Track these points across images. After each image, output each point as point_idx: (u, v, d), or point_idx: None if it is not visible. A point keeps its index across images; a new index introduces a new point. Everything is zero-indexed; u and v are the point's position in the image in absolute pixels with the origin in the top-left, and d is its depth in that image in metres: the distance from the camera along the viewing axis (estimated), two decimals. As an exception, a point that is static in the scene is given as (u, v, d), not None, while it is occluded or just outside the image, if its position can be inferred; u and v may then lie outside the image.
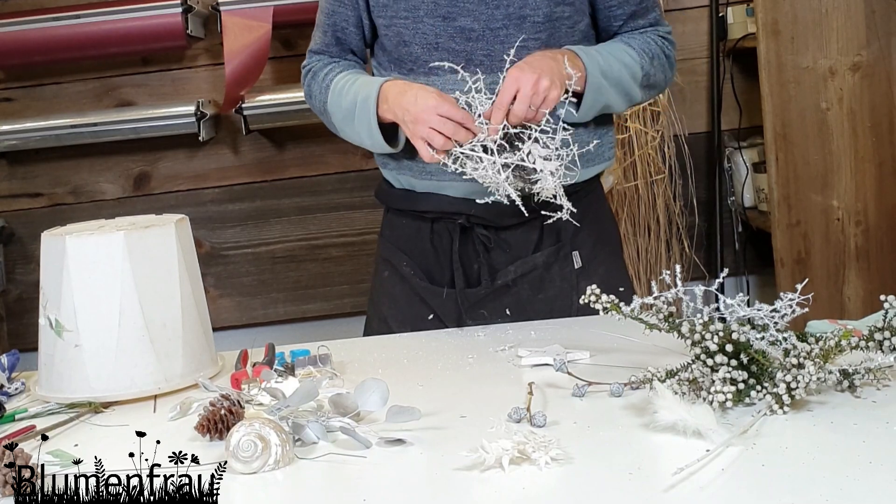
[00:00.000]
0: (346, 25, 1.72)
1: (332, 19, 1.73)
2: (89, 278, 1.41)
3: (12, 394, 1.50)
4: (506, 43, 1.58)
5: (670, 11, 3.28)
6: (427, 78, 1.63)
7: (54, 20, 3.13)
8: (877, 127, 2.84)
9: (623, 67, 1.65)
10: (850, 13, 2.80)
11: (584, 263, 1.72)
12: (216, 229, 3.38)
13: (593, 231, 1.74)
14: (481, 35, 1.60)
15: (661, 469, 1.01)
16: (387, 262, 1.79)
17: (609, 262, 1.77)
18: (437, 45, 1.61)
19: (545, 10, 1.59)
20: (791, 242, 2.90)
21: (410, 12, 1.62)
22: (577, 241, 1.72)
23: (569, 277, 1.71)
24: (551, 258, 1.70)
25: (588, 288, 1.26)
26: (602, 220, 1.80)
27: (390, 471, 1.08)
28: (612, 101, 1.66)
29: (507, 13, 1.59)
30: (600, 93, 1.62)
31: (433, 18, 1.61)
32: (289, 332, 3.30)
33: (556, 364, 1.29)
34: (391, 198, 1.78)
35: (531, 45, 1.59)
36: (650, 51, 1.68)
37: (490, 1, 1.58)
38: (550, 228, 1.69)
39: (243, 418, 1.21)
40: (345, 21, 1.72)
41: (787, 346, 1.17)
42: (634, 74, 1.66)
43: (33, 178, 3.37)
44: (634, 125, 3.17)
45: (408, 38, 1.64)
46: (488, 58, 1.60)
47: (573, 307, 1.69)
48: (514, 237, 1.69)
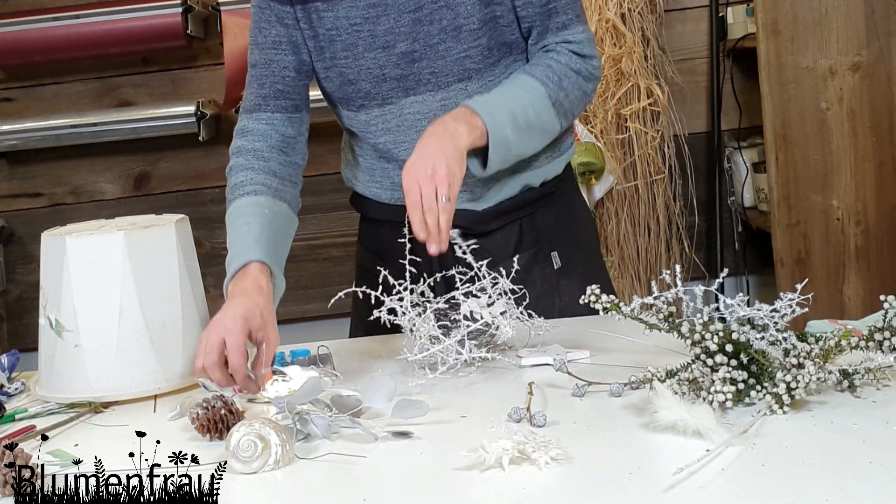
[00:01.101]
0: (287, 73, 1.62)
1: (270, 69, 1.61)
2: (89, 278, 1.41)
3: (12, 394, 1.50)
4: (447, 57, 1.55)
5: (670, 11, 3.28)
6: (381, 108, 1.61)
7: (54, 20, 3.13)
8: (877, 127, 2.84)
9: (529, 107, 1.55)
10: (850, 13, 2.80)
11: (563, 263, 1.71)
12: (216, 229, 3.38)
13: (570, 228, 1.74)
14: (423, 54, 1.56)
15: (661, 469, 1.01)
16: (366, 270, 1.75)
17: (588, 260, 1.76)
18: (383, 76, 1.58)
19: (478, 16, 1.55)
20: (791, 242, 2.90)
21: (349, 50, 1.58)
22: (555, 241, 1.71)
23: (549, 278, 1.70)
24: (531, 260, 1.69)
25: (588, 288, 1.26)
26: (577, 214, 1.78)
27: (390, 471, 1.08)
28: (523, 149, 1.58)
29: (442, 27, 1.55)
30: (507, 147, 1.54)
31: (373, 51, 1.57)
32: (289, 332, 3.28)
33: (556, 364, 1.29)
34: (368, 207, 1.75)
35: (473, 54, 1.57)
36: (556, 73, 1.57)
37: (423, 19, 1.55)
38: (529, 229, 1.68)
39: (243, 418, 1.21)
40: (284, 69, 1.61)
41: (787, 346, 1.17)
42: (543, 110, 1.56)
43: (33, 178, 3.38)
44: (634, 125, 3.17)
45: (352, 76, 1.60)
46: (434, 75, 1.58)
47: (555, 308, 1.69)
48: (494, 243, 1.68)
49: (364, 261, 1.79)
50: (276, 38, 1.61)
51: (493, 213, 1.65)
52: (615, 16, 3.09)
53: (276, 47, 1.61)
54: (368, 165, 1.70)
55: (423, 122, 1.58)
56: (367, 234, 1.80)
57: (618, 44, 3.11)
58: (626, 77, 3.13)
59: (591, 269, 1.75)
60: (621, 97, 3.15)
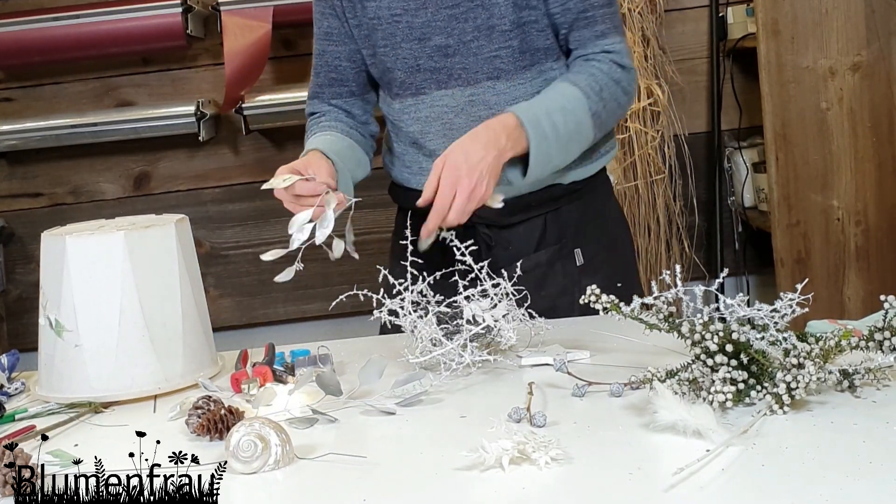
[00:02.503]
0: (339, 62, 1.73)
1: (324, 59, 1.74)
2: (89, 278, 1.41)
3: (12, 394, 1.50)
4: (479, 55, 1.62)
5: (670, 11, 3.28)
6: (415, 98, 1.68)
7: (54, 20, 3.13)
8: (877, 127, 2.84)
9: (571, 119, 1.56)
10: (850, 13, 2.80)
11: (586, 261, 1.72)
12: (216, 229, 3.38)
13: (597, 228, 1.74)
14: (456, 50, 1.62)
15: (661, 469, 1.01)
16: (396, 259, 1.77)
17: (613, 261, 1.76)
18: (417, 66, 1.65)
19: (511, 18, 1.60)
20: (791, 242, 2.90)
21: (388, 40, 1.65)
22: (579, 239, 1.72)
23: (571, 274, 1.71)
24: (554, 256, 1.71)
25: (588, 288, 1.26)
26: (607, 217, 1.80)
27: (390, 471, 1.08)
28: (561, 161, 1.61)
29: (476, 25, 1.61)
30: (548, 160, 1.56)
31: (410, 42, 1.64)
32: (289, 332, 3.30)
33: (556, 364, 1.29)
34: (398, 196, 1.80)
35: (503, 54, 1.61)
36: (598, 84, 1.59)
37: (459, 15, 1.61)
38: (553, 226, 1.70)
39: (243, 418, 1.21)
40: (336, 59, 1.73)
41: (787, 346, 1.17)
42: (583, 122, 1.58)
43: (33, 178, 3.37)
44: (634, 125, 3.17)
45: (390, 64, 1.67)
46: (465, 71, 1.63)
47: (575, 305, 1.69)
48: (516, 235, 1.70)
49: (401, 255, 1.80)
50: (328, 29, 1.71)
51: (516, 205, 1.66)
52: (615, 16, 3.09)
53: (328, 38, 1.72)
54: (401, 151, 1.76)
55: (450, 115, 1.65)
56: (400, 224, 1.81)
57: (618, 44, 3.11)
58: (627, 77, 3.13)
59: (617, 270, 1.74)
60: (621, 97, 3.15)
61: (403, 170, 1.76)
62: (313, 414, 1.24)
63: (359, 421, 1.25)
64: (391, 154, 1.80)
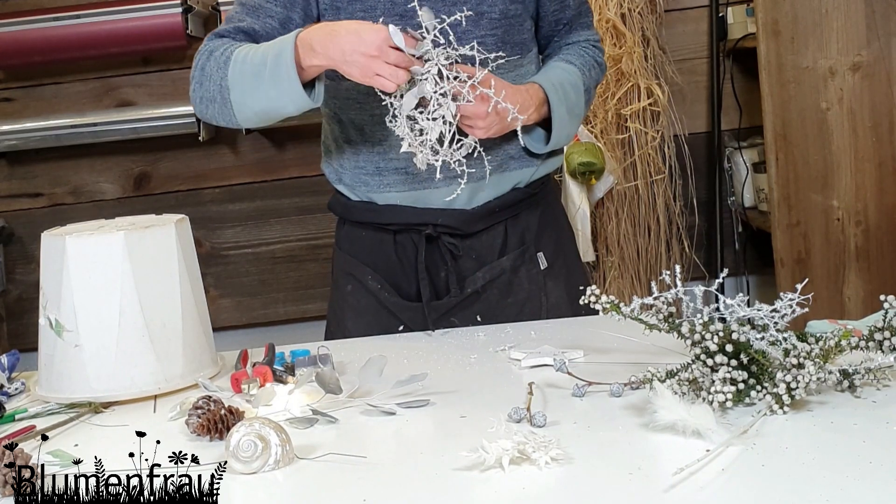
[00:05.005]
0: (270, 22, 1.61)
1: (256, 14, 1.61)
2: (89, 278, 1.40)
3: (12, 394, 1.50)
4: (463, 40, 1.53)
5: (670, 11, 3.28)
6: None
7: (54, 20, 3.13)
8: (877, 127, 2.84)
9: (574, 92, 1.70)
10: (850, 13, 2.80)
11: (549, 263, 1.73)
12: (216, 229, 3.38)
13: (553, 232, 1.77)
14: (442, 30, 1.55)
15: (661, 469, 1.01)
16: (349, 275, 1.75)
17: (570, 264, 1.80)
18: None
19: (501, 7, 1.62)
20: (791, 242, 2.90)
21: (367, 12, 1.58)
22: (540, 242, 1.73)
23: (536, 279, 1.72)
24: (518, 261, 1.71)
25: (588, 288, 1.26)
26: (560, 222, 1.82)
27: (390, 471, 1.08)
28: (570, 132, 1.73)
29: (468, 9, 1.55)
30: (562, 128, 1.68)
31: (391, 17, 1.57)
32: (289, 332, 3.30)
33: (556, 364, 1.29)
34: (349, 210, 1.74)
35: (488, 41, 1.61)
36: (587, 63, 1.74)
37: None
38: (514, 230, 1.70)
39: (243, 418, 1.21)
40: (269, 17, 1.61)
41: (787, 346, 1.17)
42: (580, 96, 1.72)
43: (33, 178, 3.37)
44: (634, 125, 3.17)
45: None
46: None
47: (542, 309, 1.70)
48: (480, 243, 1.69)
49: (348, 266, 1.77)
50: None
51: (480, 212, 1.68)
52: (615, 16, 3.09)
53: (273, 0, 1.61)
54: (351, 152, 1.70)
55: None
56: (349, 238, 1.77)
57: (618, 44, 3.11)
58: (627, 77, 3.13)
59: (574, 272, 1.78)
60: (621, 97, 3.15)
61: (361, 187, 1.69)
62: (313, 414, 1.24)
63: (359, 421, 1.25)
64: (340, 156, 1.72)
